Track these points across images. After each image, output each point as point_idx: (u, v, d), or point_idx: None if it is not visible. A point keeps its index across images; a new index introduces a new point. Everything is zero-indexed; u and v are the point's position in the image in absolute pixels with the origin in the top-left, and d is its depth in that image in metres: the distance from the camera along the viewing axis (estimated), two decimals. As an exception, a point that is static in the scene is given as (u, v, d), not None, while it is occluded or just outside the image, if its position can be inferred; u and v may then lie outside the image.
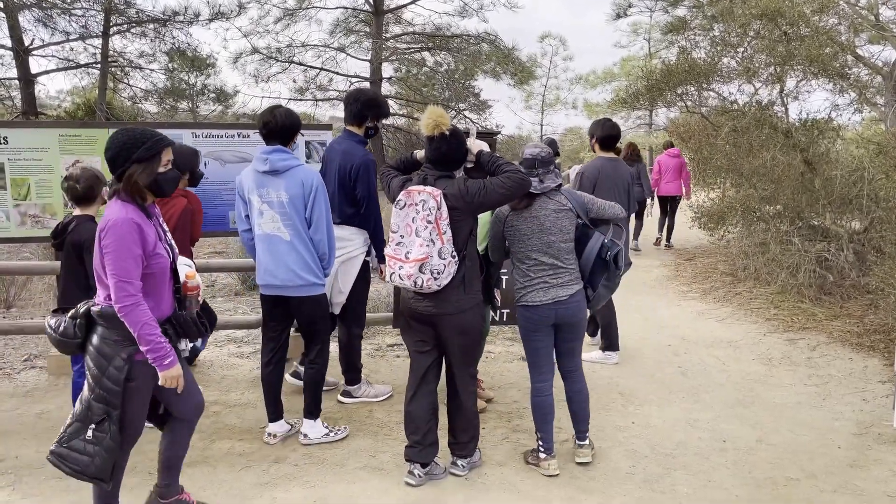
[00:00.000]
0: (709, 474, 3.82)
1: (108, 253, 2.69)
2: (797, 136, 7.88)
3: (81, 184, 3.68)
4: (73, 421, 2.80)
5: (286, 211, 3.77)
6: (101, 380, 2.75)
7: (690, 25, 10.83)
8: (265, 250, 3.89)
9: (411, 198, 3.39)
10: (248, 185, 3.88)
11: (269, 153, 3.78)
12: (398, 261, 3.41)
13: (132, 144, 2.78)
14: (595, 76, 33.74)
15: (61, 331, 2.84)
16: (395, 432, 4.27)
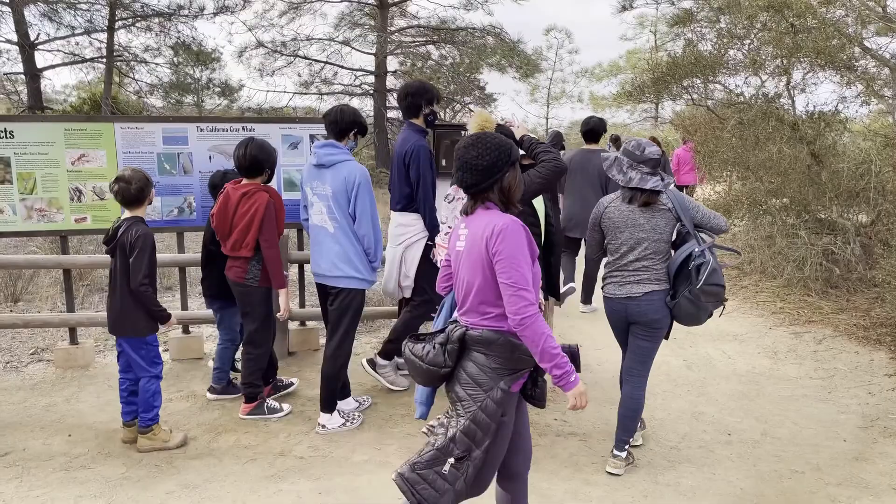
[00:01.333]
0: (713, 467, 3.81)
1: (503, 259, 2.33)
2: (804, 129, 7.83)
3: (134, 185, 3.70)
4: (431, 449, 2.48)
5: (330, 204, 3.93)
6: (477, 413, 2.42)
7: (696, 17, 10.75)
8: (313, 240, 4.10)
9: (459, 192, 3.58)
10: (304, 176, 4.12)
11: (320, 147, 3.98)
12: (445, 249, 3.57)
13: (506, 149, 2.46)
14: (601, 69, 33.61)
15: (430, 358, 2.48)
16: (399, 425, 4.28)
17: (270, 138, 5.08)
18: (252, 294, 4.13)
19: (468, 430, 2.42)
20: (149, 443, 3.90)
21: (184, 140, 4.97)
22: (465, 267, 2.49)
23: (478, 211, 2.48)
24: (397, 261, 4.52)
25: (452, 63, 22.36)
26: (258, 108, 21.04)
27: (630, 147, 3.63)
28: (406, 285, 4.58)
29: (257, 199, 3.95)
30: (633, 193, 3.61)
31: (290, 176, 5.18)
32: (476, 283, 2.43)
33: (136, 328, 3.76)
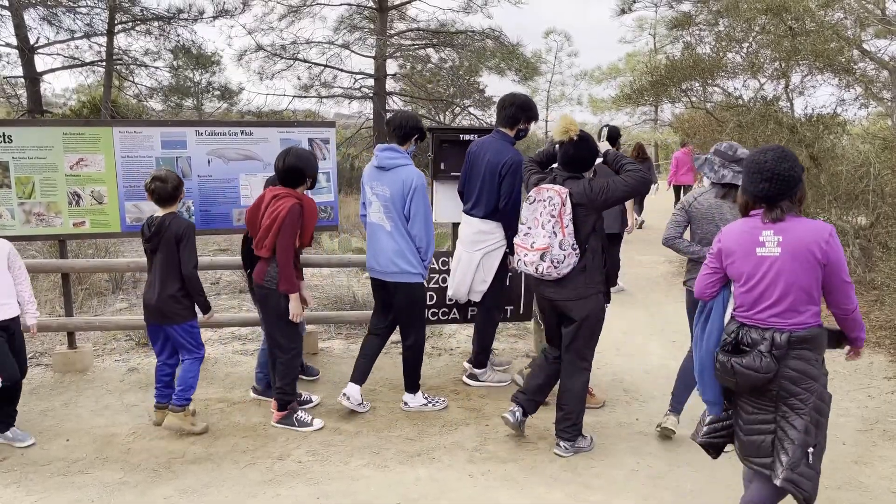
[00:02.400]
0: (713, 470, 3.80)
1: (839, 260, 2.61)
2: (802, 132, 7.84)
3: (170, 184, 4.00)
4: (795, 447, 2.62)
5: (388, 204, 4.22)
6: (818, 403, 2.63)
7: (695, 21, 10.76)
8: (371, 237, 4.37)
9: (540, 194, 3.76)
10: (366, 176, 4.39)
11: (382, 150, 4.25)
12: (524, 249, 3.81)
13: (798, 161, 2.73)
14: (600, 72, 33.65)
15: (764, 367, 2.60)
16: (397, 430, 4.27)
17: (269, 142, 5.09)
18: (270, 296, 4.14)
19: (815, 419, 2.65)
20: (178, 422, 4.12)
21: (182, 144, 4.97)
22: (785, 270, 2.63)
23: (788, 217, 2.64)
24: (474, 265, 4.67)
25: (452, 66, 22.37)
26: (258, 111, 21.05)
27: (722, 148, 3.86)
28: (480, 290, 4.75)
29: (284, 202, 4.01)
30: (726, 190, 3.85)
31: (289, 180, 5.17)
32: (800, 284, 2.61)
33: (183, 314, 4.09)
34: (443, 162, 5.24)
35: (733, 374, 2.68)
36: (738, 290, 2.78)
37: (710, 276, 2.87)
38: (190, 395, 4.17)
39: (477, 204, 4.63)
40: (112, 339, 6.01)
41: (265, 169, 5.11)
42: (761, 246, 2.67)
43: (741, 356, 2.67)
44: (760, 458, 2.75)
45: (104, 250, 8.55)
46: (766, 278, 2.66)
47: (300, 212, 4.02)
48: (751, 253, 2.69)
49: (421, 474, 3.73)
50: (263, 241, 4.07)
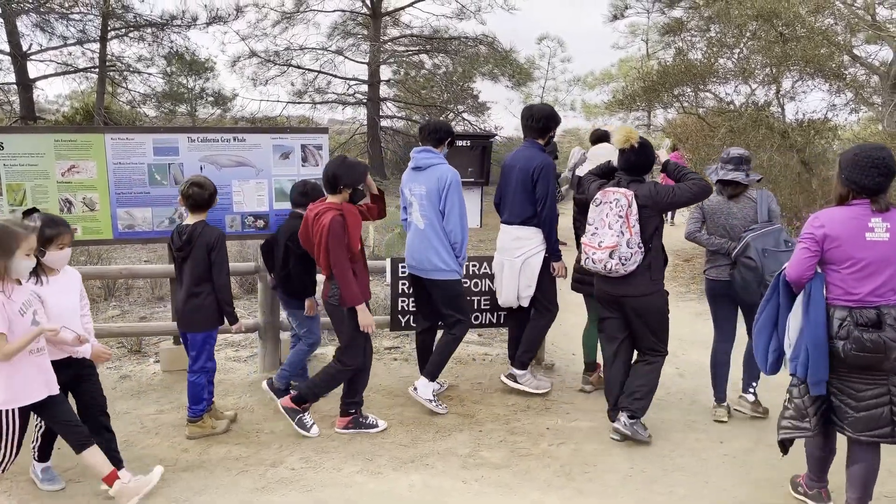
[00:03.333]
0: (707, 475, 3.81)
1: None
2: (794, 137, 7.88)
3: (207, 192, 4.03)
4: None
5: (424, 202, 4.40)
6: None
7: (687, 26, 10.81)
8: (410, 236, 4.57)
9: (606, 196, 4.06)
10: (404, 179, 4.57)
11: (418, 152, 4.47)
12: (592, 248, 4.07)
13: None
14: (593, 77, 33.77)
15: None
16: (391, 436, 4.26)
17: (261, 148, 5.09)
18: (334, 313, 4.14)
19: None
20: (199, 430, 4.18)
21: (174, 150, 4.96)
22: (891, 253, 2.99)
23: (893, 210, 3.02)
24: (516, 272, 4.74)
25: (446, 72, 22.43)
26: (251, 117, 21.07)
27: (723, 154, 4.38)
28: (526, 295, 4.79)
29: (325, 217, 3.96)
30: (721, 186, 4.33)
31: (282, 186, 5.17)
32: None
33: (203, 324, 4.08)
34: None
35: (880, 346, 2.94)
36: (841, 273, 3.05)
37: (809, 259, 3.08)
38: (202, 408, 4.18)
39: (512, 211, 4.74)
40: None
41: (258, 175, 5.11)
42: (871, 231, 2.99)
43: (879, 331, 2.95)
44: (880, 428, 3.07)
45: (96, 257, 8.52)
46: (878, 261, 2.99)
47: (343, 222, 3.93)
48: (860, 238, 3.00)
49: (414, 481, 3.72)
50: (320, 262, 4.07)
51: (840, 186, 3.11)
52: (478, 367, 5.54)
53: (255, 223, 5.18)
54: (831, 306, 3.08)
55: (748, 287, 4.13)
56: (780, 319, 3.26)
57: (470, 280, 5.24)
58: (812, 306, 3.08)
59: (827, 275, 3.10)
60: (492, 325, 5.43)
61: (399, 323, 5.23)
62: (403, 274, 5.10)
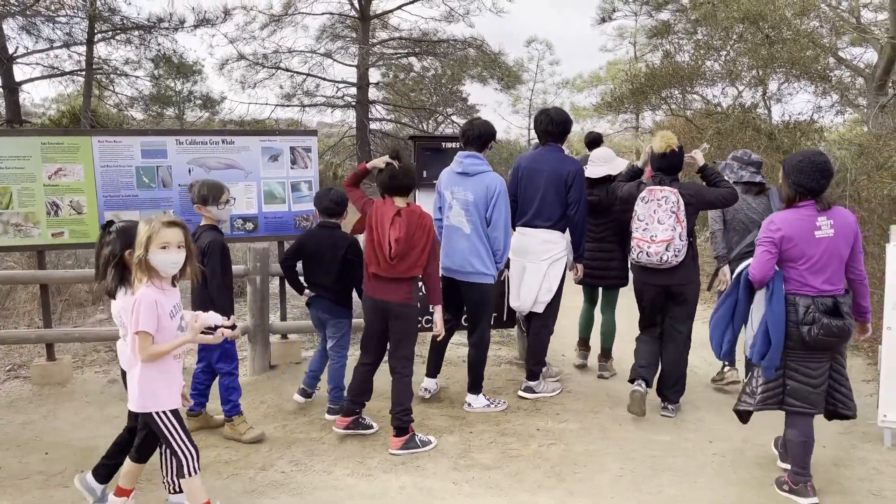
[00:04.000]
0: (695, 475, 3.83)
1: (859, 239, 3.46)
2: (780, 138, 7.94)
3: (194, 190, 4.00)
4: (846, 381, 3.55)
5: (470, 209, 4.44)
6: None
7: (674, 29, 10.88)
8: (447, 239, 4.56)
9: (653, 195, 4.42)
10: (444, 181, 4.58)
11: (465, 157, 4.48)
12: (646, 242, 4.41)
13: None
14: (582, 80, 33.84)
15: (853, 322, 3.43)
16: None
17: (250, 151, 5.08)
18: (410, 317, 4.12)
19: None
20: (230, 431, 4.21)
21: (163, 153, 4.94)
22: (837, 247, 3.40)
23: (834, 208, 3.43)
24: (541, 276, 4.78)
25: (435, 75, 22.42)
26: (240, 120, 20.94)
27: (739, 154, 5.04)
28: (545, 300, 4.83)
29: (426, 221, 4.00)
30: (747, 187, 4.91)
31: (271, 188, 5.16)
32: (842, 257, 3.41)
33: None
34: (425, 170, 5.25)
35: (843, 332, 3.36)
36: (798, 269, 3.43)
37: (770, 260, 3.44)
38: (230, 408, 4.19)
39: (539, 215, 4.76)
40: (92, 350, 5.94)
41: (247, 177, 5.10)
42: (818, 229, 3.39)
43: (840, 319, 3.34)
44: (815, 406, 3.50)
45: (84, 261, 8.45)
46: (825, 256, 3.38)
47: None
48: (810, 236, 3.39)
49: (405, 482, 3.72)
50: (414, 261, 3.97)
51: (788, 190, 3.47)
52: (466, 369, 5.53)
53: (244, 226, 5.17)
54: (794, 296, 3.44)
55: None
56: (737, 313, 3.64)
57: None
58: (775, 300, 3.43)
59: (785, 271, 3.47)
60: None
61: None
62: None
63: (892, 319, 4.22)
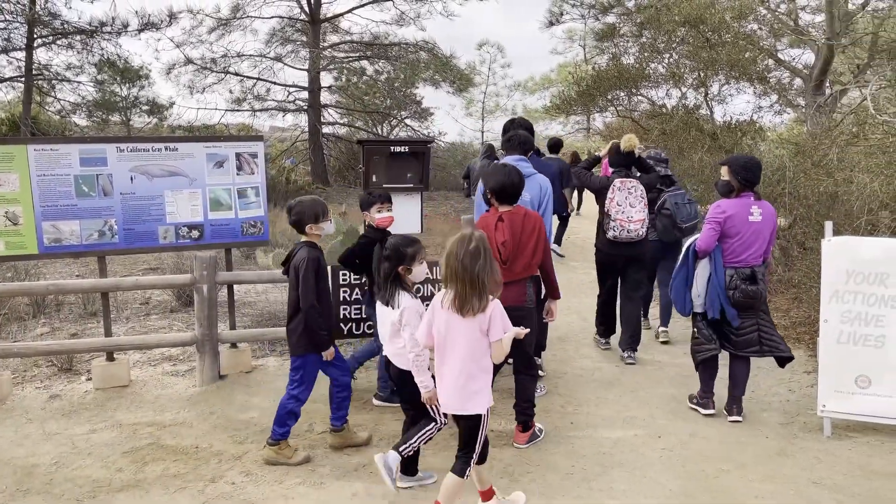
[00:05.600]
0: (644, 470, 3.90)
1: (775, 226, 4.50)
2: (723, 138, 8.15)
3: (293, 213, 3.91)
4: (773, 330, 4.51)
5: (530, 208, 4.63)
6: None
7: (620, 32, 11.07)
8: None
9: (625, 185, 5.49)
10: None
11: (517, 161, 4.70)
12: (626, 221, 5.44)
13: None
14: (533, 83, 34.23)
15: (765, 287, 4.43)
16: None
17: (195, 157, 4.99)
18: (530, 315, 4.10)
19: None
20: (274, 456, 3.98)
21: (103, 161, 4.81)
22: (763, 230, 4.40)
23: (762, 200, 4.46)
24: None
25: (388, 78, 22.37)
26: (189, 125, 20.56)
27: (652, 153, 6.19)
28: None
29: (537, 220, 4.11)
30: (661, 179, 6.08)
31: (217, 195, 5.08)
32: (766, 238, 4.40)
33: (297, 347, 3.97)
34: (375, 174, 5.23)
35: (756, 294, 4.38)
36: (731, 244, 4.40)
37: (714, 235, 4.41)
38: (283, 432, 3.98)
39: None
40: (33, 365, 5.75)
41: (192, 185, 5.00)
42: (751, 215, 4.38)
43: (755, 285, 4.36)
44: (751, 347, 4.51)
45: (24, 272, 8.18)
46: (753, 236, 4.38)
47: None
48: (745, 220, 4.38)
49: (357, 489, 3.70)
50: (527, 262, 4.03)
51: (735, 184, 4.44)
52: (422, 373, 5.54)
53: (189, 234, 5.07)
54: (726, 266, 4.42)
55: (667, 230, 5.98)
56: (689, 280, 4.56)
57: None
58: (716, 267, 4.43)
59: (722, 245, 4.44)
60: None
61: (342, 331, 5.19)
62: (344, 282, 5.07)
63: (828, 312, 4.37)
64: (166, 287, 7.02)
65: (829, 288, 4.38)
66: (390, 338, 3.54)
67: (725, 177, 4.52)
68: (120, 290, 6.65)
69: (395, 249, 3.48)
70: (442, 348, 3.17)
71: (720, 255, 4.42)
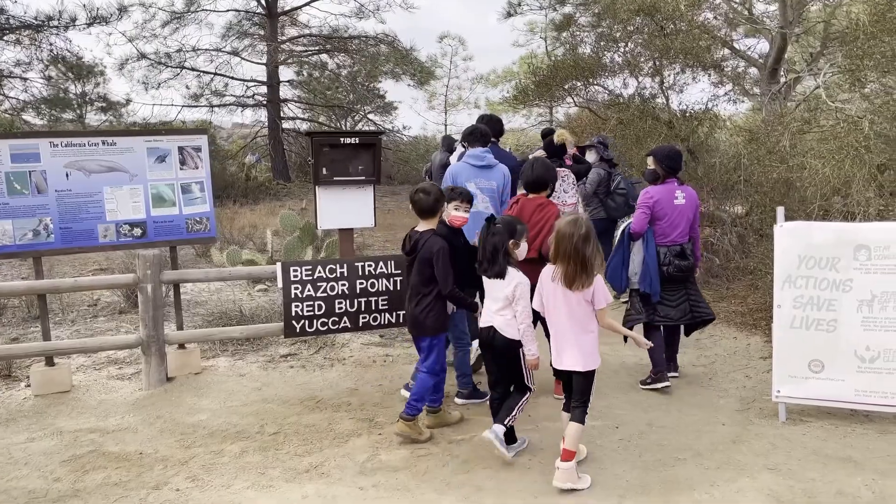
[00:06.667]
0: (601, 461, 3.85)
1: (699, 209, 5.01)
2: (679, 127, 8.17)
3: (432, 196, 4.11)
4: (700, 297, 4.97)
5: (494, 195, 5.14)
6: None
7: (577, 22, 11.05)
8: (478, 224, 4.68)
9: (561, 173, 6.22)
10: (464, 175, 5.09)
11: (482, 153, 5.12)
12: (560, 205, 5.96)
13: None
14: (495, 75, 34.15)
15: (692, 262, 4.84)
16: (285, 447, 4.09)
17: (134, 152, 4.80)
18: None
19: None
20: (407, 430, 4.08)
21: (35, 157, 4.58)
22: (686, 211, 4.85)
23: (686, 185, 4.95)
24: None
25: (350, 72, 22.14)
26: (144, 122, 20.06)
27: (601, 139, 7.27)
28: None
29: (549, 209, 4.60)
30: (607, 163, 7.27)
31: (159, 191, 4.89)
32: (689, 219, 4.86)
33: (431, 329, 4.14)
34: (324, 167, 5.09)
35: (687, 268, 4.81)
36: (661, 226, 4.82)
37: (646, 218, 4.81)
38: (420, 406, 4.14)
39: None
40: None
41: (132, 181, 4.81)
42: (676, 198, 4.83)
43: (685, 260, 4.80)
44: (684, 315, 4.90)
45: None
46: (678, 217, 4.82)
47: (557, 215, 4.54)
48: (671, 203, 4.82)
49: (308, 491, 3.58)
50: (542, 247, 4.40)
51: (661, 171, 4.87)
52: (378, 369, 5.43)
53: (131, 232, 4.87)
54: (658, 246, 4.81)
55: (619, 208, 6.87)
56: (626, 260, 4.91)
57: (366, 280, 5.13)
58: (649, 247, 4.79)
59: (653, 227, 4.83)
60: (391, 325, 5.32)
61: (294, 329, 5.05)
62: (296, 278, 4.94)
63: (781, 298, 4.37)
64: (108, 288, 6.81)
65: (782, 273, 4.38)
66: (499, 310, 3.83)
67: (651, 166, 4.96)
68: (59, 293, 6.41)
69: (508, 224, 3.88)
70: (554, 316, 3.66)
71: (652, 236, 4.81)
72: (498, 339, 3.82)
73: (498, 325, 3.83)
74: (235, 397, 4.84)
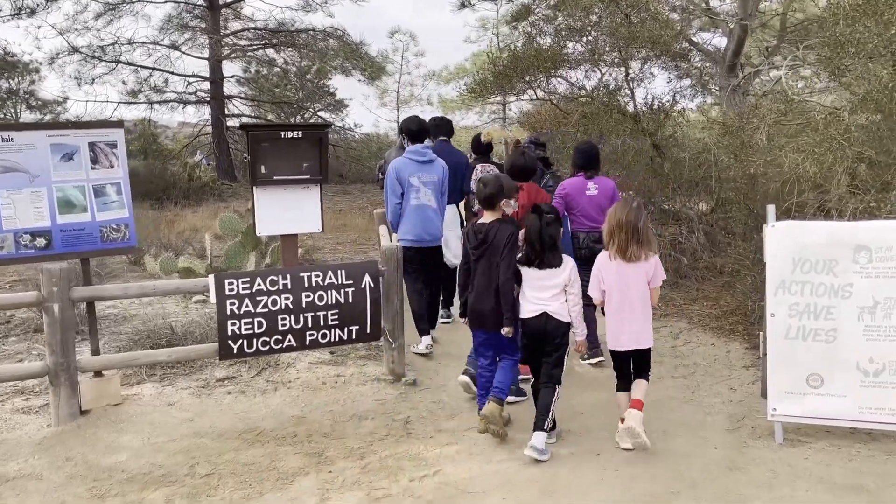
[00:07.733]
0: (587, 492, 3.37)
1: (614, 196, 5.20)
2: (645, 121, 7.80)
3: (488, 189, 4.06)
4: None
5: (437, 189, 5.47)
6: None
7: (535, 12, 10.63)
8: (420, 216, 5.39)
9: (485, 169, 5.94)
10: (407, 171, 5.36)
11: (424, 148, 5.46)
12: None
13: None
14: (448, 72, 33.72)
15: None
16: (220, 491, 3.49)
17: (36, 149, 4.09)
18: None
19: None
20: (496, 414, 3.94)
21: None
22: (601, 200, 5.13)
23: (599, 177, 5.30)
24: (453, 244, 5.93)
25: (299, 69, 21.35)
26: (77, 119, 18.89)
27: (532, 139, 6.73)
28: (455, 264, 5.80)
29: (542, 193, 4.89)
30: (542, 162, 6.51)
31: (66, 195, 4.19)
32: (603, 207, 4.79)
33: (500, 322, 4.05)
34: (262, 165, 4.47)
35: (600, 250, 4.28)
36: (576, 215, 5.21)
37: (561, 207, 5.09)
38: (506, 393, 4.08)
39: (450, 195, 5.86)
40: None
41: (33, 182, 4.11)
42: (588, 190, 5.23)
43: (600, 243, 4.38)
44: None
45: None
46: (589, 206, 5.18)
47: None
48: (583, 194, 5.22)
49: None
50: None
51: (572, 167, 5.38)
52: (329, 392, 4.83)
53: (33, 242, 4.17)
54: (577, 232, 5.23)
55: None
56: None
57: (314, 293, 4.55)
58: (564, 233, 4.66)
59: (570, 216, 5.23)
60: (342, 342, 4.75)
61: (230, 350, 4.42)
62: (231, 293, 4.32)
63: (775, 306, 3.96)
64: (7, 308, 6.06)
65: (775, 278, 3.96)
66: (554, 296, 3.94)
67: None
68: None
69: (554, 211, 4.05)
70: (619, 298, 3.90)
71: (567, 223, 5.13)
72: (551, 323, 3.92)
73: (553, 309, 3.93)
74: (162, 431, 4.19)
